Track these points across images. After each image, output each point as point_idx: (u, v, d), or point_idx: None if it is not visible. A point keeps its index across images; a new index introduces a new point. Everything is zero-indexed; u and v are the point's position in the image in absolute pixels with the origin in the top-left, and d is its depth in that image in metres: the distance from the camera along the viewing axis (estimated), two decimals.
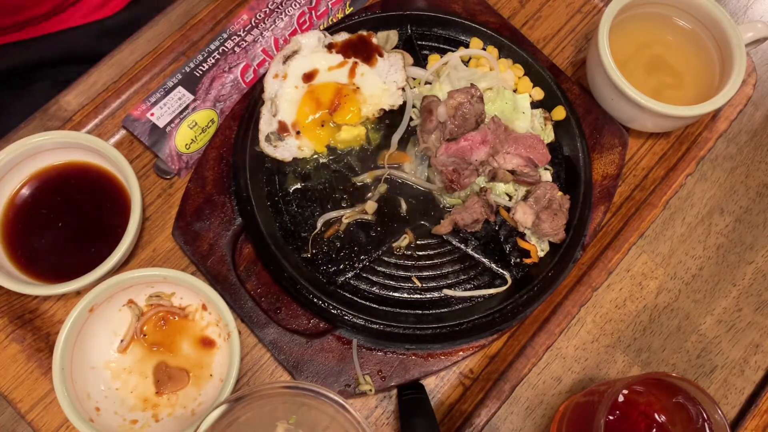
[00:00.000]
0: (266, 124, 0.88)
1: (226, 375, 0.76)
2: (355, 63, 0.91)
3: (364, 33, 0.93)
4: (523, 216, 0.86)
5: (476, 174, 0.86)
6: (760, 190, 1.00)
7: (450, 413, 0.84)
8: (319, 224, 0.86)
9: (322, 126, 0.89)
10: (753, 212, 0.98)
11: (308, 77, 0.90)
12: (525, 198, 0.88)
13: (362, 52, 0.92)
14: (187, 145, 0.88)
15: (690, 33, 0.95)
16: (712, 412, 0.69)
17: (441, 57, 0.95)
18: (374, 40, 0.93)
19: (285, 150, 0.88)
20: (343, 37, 0.92)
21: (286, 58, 0.90)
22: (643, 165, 0.98)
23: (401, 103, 0.92)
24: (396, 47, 0.97)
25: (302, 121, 0.89)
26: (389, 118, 0.92)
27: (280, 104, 0.88)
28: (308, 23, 0.96)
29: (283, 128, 0.88)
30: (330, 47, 0.92)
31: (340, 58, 0.91)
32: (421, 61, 0.95)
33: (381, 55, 0.92)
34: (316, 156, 0.90)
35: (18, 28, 1.03)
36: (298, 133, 0.88)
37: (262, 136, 0.88)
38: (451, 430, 0.83)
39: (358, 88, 0.90)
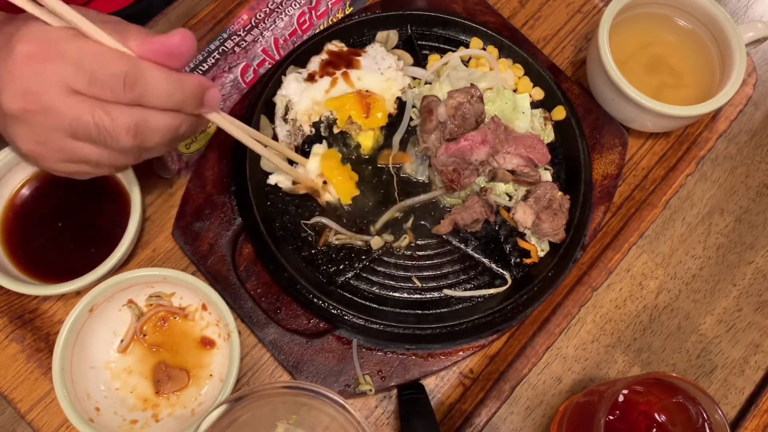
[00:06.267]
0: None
1: (226, 375, 0.76)
2: (344, 73, 0.89)
3: (332, 46, 0.91)
4: (523, 216, 0.86)
5: (476, 174, 0.86)
6: (760, 190, 1.00)
7: (450, 413, 0.84)
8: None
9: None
10: (753, 212, 0.98)
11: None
12: (525, 198, 0.88)
13: (342, 61, 0.90)
14: (187, 145, 0.88)
15: (690, 33, 0.95)
16: (712, 412, 0.69)
17: (441, 57, 0.95)
18: (340, 45, 0.91)
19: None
20: (315, 62, 0.90)
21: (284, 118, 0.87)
22: (643, 165, 0.98)
23: (407, 83, 0.92)
24: (396, 47, 0.97)
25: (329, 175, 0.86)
26: (389, 118, 0.92)
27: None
28: (308, 23, 0.96)
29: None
30: (311, 78, 0.89)
31: (327, 79, 0.89)
32: (421, 61, 0.95)
33: (359, 55, 0.91)
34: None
35: None
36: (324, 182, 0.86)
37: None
38: (451, 430, 0.82)
39: (367, 90, 0.89)
